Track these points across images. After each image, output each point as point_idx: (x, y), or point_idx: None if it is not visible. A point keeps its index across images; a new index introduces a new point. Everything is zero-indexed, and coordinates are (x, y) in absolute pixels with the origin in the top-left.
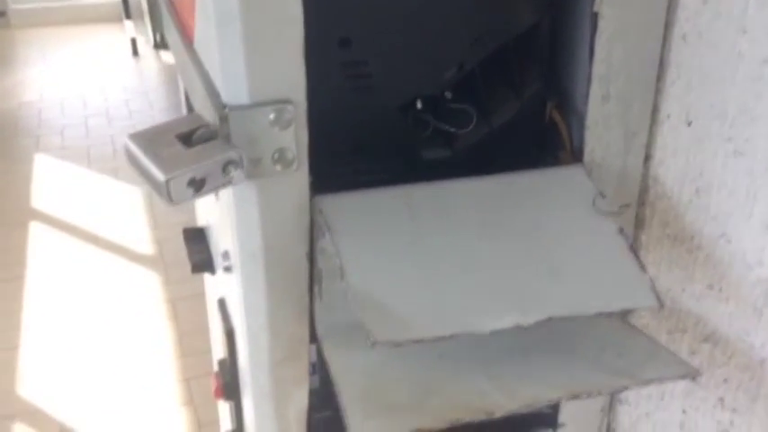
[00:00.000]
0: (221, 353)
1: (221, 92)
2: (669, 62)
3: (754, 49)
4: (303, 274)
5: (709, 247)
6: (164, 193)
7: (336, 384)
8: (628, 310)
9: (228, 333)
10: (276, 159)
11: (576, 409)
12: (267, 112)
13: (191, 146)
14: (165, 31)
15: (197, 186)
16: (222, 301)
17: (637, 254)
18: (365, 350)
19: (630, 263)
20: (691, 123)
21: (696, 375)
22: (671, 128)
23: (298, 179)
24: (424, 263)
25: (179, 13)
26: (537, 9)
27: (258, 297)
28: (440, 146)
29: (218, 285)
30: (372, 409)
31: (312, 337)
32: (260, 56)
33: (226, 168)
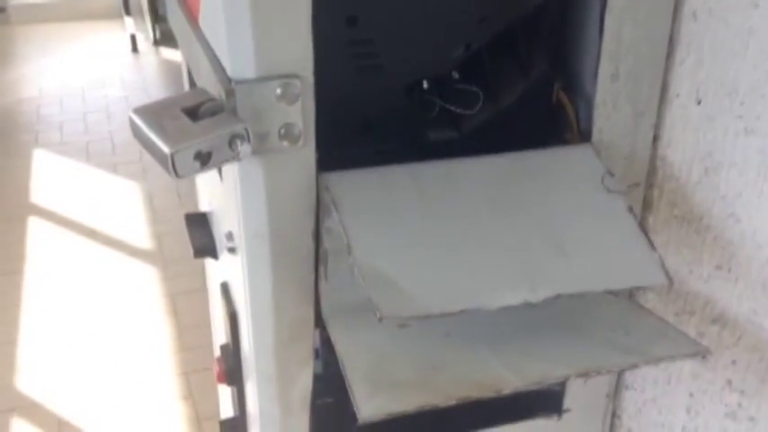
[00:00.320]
0: (223, 338)
1: (227, 67)
2: (679, 40)
3: (766, 24)
4: (308, 254)
5: (718, 228)
6: (169, 167)
7: (342, 362)
8: (637, 288)
9: (231, 316)
10: (283, 135)
11: (582, 395)
12: (274, 86)
13: (197, 119)
14: (168, 11)
15: (203, 160)
16: (225, 285)
17: (646, 232)
18: (371, 330)
19: (640, 241)
20: (700, 102)
21: (706, 353)
22: (680, 107)
23: (304, 155)
24: (433, 240)
25: None
26: None
27: (263, 276)
28: (446, 127)
29: (220, 270)
30: (379, 386)
31: (316, 321)
32: (267, 29)
33: (232, 142)
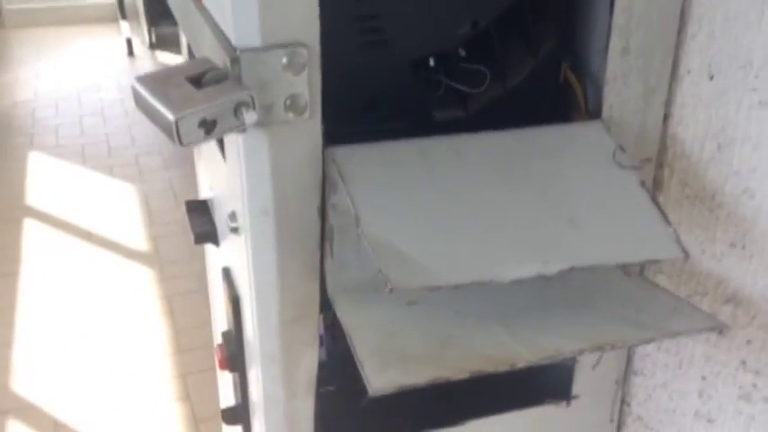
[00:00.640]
0: (225, 325)
1: (231, 38)
2: (691, 14)
3: None
4: (314, 230)
5: (731, 205)
6: (173, 134)
7: (351, 338)
8: (651, 263)
9: (234, 300)
10: (288, 106)
11: (590, 381)
12: (280, 55)
13: (201, 87)
14: None
15: (208, 128)
16: (227, 270)
17: (660, 206)
18: (379, 307)
19: (654, 215)
20: (713, 77)
21: (723, 328)
22: (691, 83)
23: (310, 127)
24: (442, 213)
25: None
26: None
27: (267, 254)
28: (453, 106)
29: (221, 256)
30: (388, 360)
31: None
32: None
33: (237, 110)
